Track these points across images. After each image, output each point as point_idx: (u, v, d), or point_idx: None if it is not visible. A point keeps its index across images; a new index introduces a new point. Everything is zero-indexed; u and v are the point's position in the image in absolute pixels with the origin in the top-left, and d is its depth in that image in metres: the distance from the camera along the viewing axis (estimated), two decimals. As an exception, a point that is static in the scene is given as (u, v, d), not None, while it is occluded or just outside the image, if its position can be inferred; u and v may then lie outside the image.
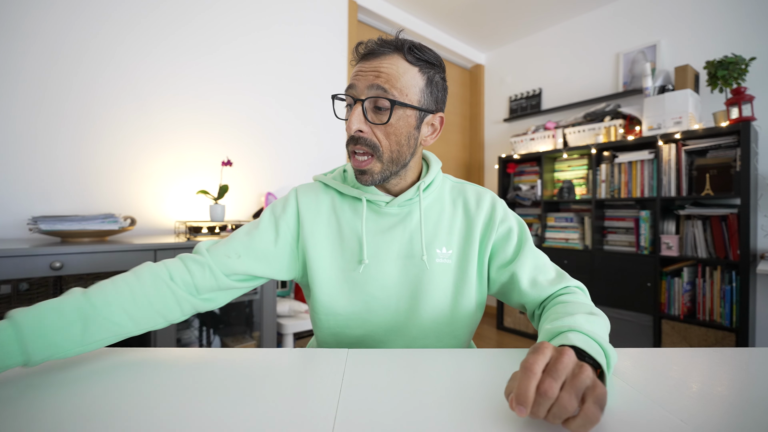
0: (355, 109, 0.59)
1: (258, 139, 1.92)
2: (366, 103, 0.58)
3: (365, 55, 0.60)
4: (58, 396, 0.40)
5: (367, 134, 0.59)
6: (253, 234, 0.64)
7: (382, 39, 0.61)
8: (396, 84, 0.58)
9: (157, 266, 0.58)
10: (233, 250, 0.62)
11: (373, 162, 0.60)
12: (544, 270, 0.64)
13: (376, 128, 0.59)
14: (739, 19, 2.00)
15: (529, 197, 2.64)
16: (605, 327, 0.50)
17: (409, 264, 0.64)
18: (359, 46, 0.61)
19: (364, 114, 0.59)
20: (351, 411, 0.38)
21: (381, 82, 0.57)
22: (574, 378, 0.34)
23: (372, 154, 0.60)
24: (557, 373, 0.34)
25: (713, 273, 1.84)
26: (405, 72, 0.59)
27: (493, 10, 2.64)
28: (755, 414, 0.38)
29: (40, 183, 1.36)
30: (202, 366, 0.49)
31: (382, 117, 0.59)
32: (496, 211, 0.66)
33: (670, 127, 1.99)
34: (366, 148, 0.59)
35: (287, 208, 0.67)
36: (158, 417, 0.36)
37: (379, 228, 0.65)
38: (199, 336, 1.57)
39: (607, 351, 0.43)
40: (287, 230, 0.66)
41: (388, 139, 0.60)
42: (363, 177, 0.62)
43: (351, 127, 0.58)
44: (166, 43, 1.63)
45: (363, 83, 0.58)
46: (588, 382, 0.34)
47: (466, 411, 0.38)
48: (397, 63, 0.59)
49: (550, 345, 0.37)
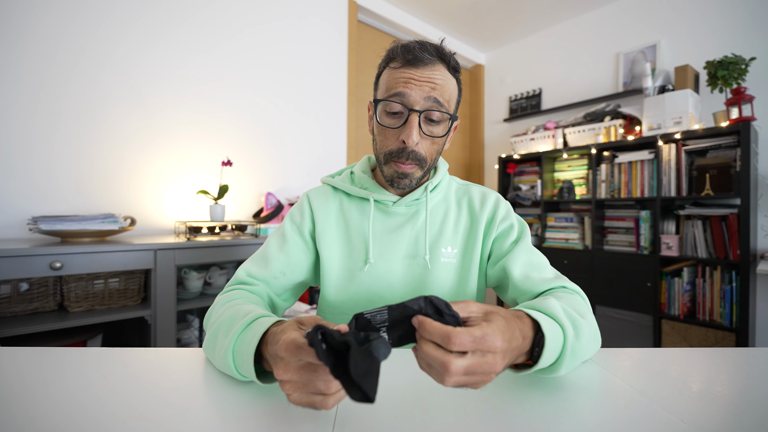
0: (413, 120, 0.57)
1: (258, 139, 1.92)
2: (422, 114, 0.58)
3: (412, 62, 0.58)
4: (57, 396, 0.40)
5: (419, 148, 0.59)
6: (285, 249, 0.66)
7: (429, 45, 0.60)
8: (446, 96, 0.59)
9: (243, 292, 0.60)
10: (278, 270, 0.64)
11: (416, 169, 0.61)
12: (540, 268, 0.62)
13: (426, 141, 0.60)
14: (739, 19, 2.00)
15: (529, 197, 2.64)
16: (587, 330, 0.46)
17: (415, 263, 0.65)
18: (405, 51, 0.59)
19: (420, 126, 0.58)
20: (351, 411, 0.38)
21: (437, 95, 0.58)
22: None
23: (417, 165, 0.61)
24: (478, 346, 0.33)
25: (713, 273, 1.84)
26: (450, 83, 0.60)
27: (493, 10, 2.64)
28: (755, 414, 0.38)
29: (40, 183, 1.36)
30: (202, 366, 0.49)
31: (436, 130, 0.60)
32: (499, 210, 0.68)
33: (670, 127, 1.99)
34: (414, 161, 0.60)
35: (304, 214, 0.69)
36: (158, 417, 0.36)
37: (387, 228, 0.67)
38: (199, 336, 1.56)
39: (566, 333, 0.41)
40: (308, 236, 0.68)
41: (432, 149, 0.61)
42: (403, 181, 0.62)
43: (413, 140, 0.57)
44: (164, 42, 1.63)
45: (418, 93, 0.57)
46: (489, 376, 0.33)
47: (466, 411, 0.38)
48: (445, 74, 0.59)
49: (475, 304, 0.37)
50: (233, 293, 0.59)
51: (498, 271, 0.64)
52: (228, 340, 0.44)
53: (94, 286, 1.23)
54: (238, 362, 0.42)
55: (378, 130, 0.63)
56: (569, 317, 0.45)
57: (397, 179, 0.62)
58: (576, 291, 0.58)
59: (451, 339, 0.32)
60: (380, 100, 0.61)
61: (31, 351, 0.51)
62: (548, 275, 0.61)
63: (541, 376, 0.44)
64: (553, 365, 0.42)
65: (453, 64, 0.61)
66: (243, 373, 0.42)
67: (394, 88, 0.58)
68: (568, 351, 0.41)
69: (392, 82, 0.59)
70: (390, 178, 0.63)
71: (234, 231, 1.59)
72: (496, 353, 0.34)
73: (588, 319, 0.49)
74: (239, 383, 0.44)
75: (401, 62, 0.59)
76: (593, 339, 0.49)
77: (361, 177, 0.70)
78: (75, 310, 1.19)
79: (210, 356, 0.48)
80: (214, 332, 0.48)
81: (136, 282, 1.30)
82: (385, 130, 0.61)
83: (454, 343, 0.32)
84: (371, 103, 0.66)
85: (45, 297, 1.20)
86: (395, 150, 0.60)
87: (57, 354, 0.51)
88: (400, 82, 0.58)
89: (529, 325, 0.41)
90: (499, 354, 0.34)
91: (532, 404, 0.39)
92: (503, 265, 0.62)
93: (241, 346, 0.42)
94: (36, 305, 1.18)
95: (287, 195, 2.00)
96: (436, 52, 0.59)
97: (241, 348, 0.42)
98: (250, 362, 0.39)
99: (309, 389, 0.33)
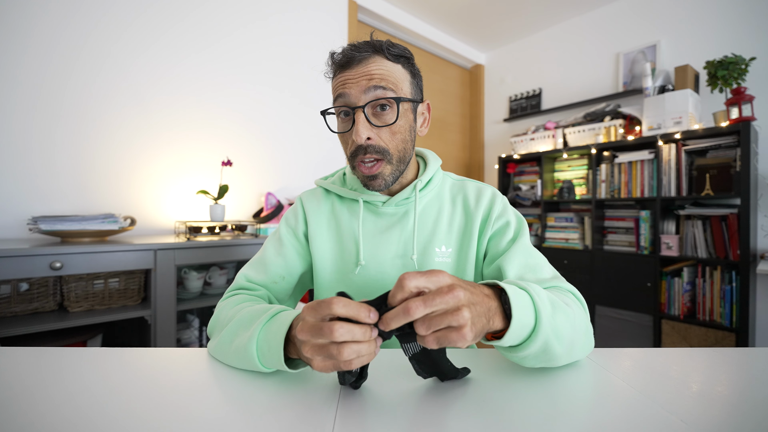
0: (358, 117, 0.57)
1: (258, 139, 1.92)
2: (366, 108, 0.57)
3: (344, 64, 0.58)
4: (57, 396, 0.40)
5: (375, 140, 0.58)
6: (283, 252, 0.67)
7: (357, 44, 0.59)
8: (391, 82, 0.58)
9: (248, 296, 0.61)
10: (277, 275, 0.65)
11: (383, 165, 0.59)
12: (536, 269, 0.59)
13: (382, 131, 0.58)
14: (739, 19, 2.00)
15: (529, 197, 2.64)
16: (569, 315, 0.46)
17: (408, 264, 0.64)
18: (334, 55, 0.60)
19: (368, 120, 0.57)
20: (351, 411, 0.38)
21: (377, 83, 0.56)
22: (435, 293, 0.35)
23: (381, 159, 0.59)
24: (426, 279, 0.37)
25: (713, 273, 1.84)
26: (393, 70, 0.59)
27: (493, 10, 2.64)
28: (755, 414, 0.38)
29: (40, 183, 1.36)
30: (202, 366, 0.49)
31: (387, 118, 0.58)
32: (495, 206, 0.65)
33: (670, 127, 1.99)
34: (375, 155, 0.58)
35: (298, 216, 0.70)
36: (158, 417, 0.36)
37: (378, 228, 0.66)
38: (199, 336, 1.56)
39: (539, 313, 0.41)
40: (303, 238, 0.69)
41: (395, 139, 0.59)
42: (375, 183, 0.60)
43: (361, 137, 0.56)
44: (163, 41, 1.63)
45: (356, 90, 0.57)
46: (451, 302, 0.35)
47: (465, 411, 0.38)
48: (383, 63, 0.58)
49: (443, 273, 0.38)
50: (239, 297, 0.59)
51: (493, 271, 0.61)
52: (250, 332, 0.45)
53: (94, 286, 1.23)
54: (263, 351, 0.44)
55: (340, 140, 0.64)
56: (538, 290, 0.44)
57: (369, 182, 0.61)
58: (570, 291, 0.55)
59: (402, 281, 0.36)
60: (325, 111, 0.61)
61: (31, 351, 0.51)
62: (545, 275, 0.58)
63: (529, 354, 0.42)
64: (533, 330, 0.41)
65: (392, 51, 0.59)
66: (266, 363, 0.44)
67: (337, 95, 0.59)
68: (543, 316, 0.41)
69: (334, 90, 0.60)
70: (363, 182, 0.62)
71: (234, 231, 1.59)
72: (451, 284, 0.36)
73: (574, 309, 0.48)
74: (239, 383, 0.44)
75: (336, 69, 0.60)
76: (582, 330, 0.48)
77: (352, 178, 0.69)
78: (75, 310, 1.19)
79: (221, 354, 0.49)
80: (232, 329, 0.49)
81: (136, 282, 1.30)
82: (343, 137, 0.62)
83: (405, 281, 0.36)
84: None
85: (45, 297, 1.20)
86: (353, 151, 0.59)
87: (57, 354, 0.51)
88: (339, 86, 0.59)
89: (488, 289, 0.42)
90: (448, 281, 0.37)
91: (531, 404, 0.39)
92: (499, 265, 0.60)
93: (266, 335, 0.44)
94: (36, 305, 1.18)
95: (287, 195, 2.00)
96: (368, 46, 0.59)
97: (267, 337, 0.44)
98: (279, 347, 0.42)
99: (325, 352, 0.36)
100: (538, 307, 0.41)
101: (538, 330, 0.41)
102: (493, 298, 0.41)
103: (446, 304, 0.35)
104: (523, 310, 0.40)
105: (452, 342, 0.35)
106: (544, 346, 0.42)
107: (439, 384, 0.44)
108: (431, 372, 0.43)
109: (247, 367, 0.46)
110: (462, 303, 0.36)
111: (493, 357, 0.52)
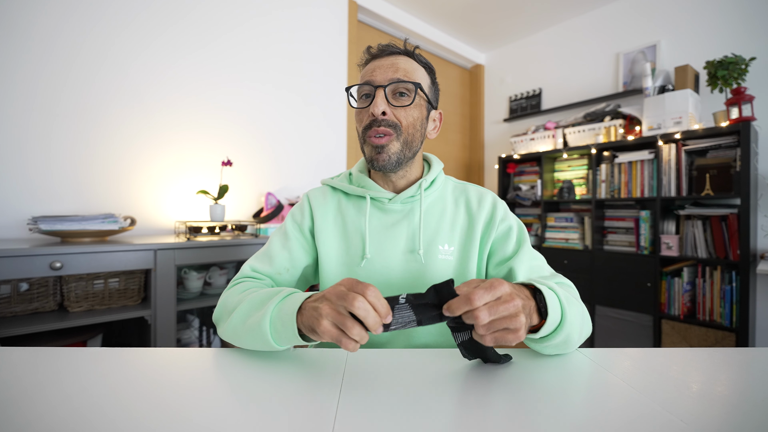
0: (378, 94, 0.63)
1: (258, 139, 1.92)
2: (387, 89, 0.63)
3: (377, 55, 0.66)
4: (56, 396, 0.40)
5: (389, 116, 0.63)
6: (288, 246, 0.70)
7: (394, 44, 0.68)
8: (413, 75, 0.65)
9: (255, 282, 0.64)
10: (282, 267, 0.68)
11: (392, 140, 0.64)
12: (539, 269, 0.66)
13: (397, 110, 0.64)
14: (739, 19, 2.00)
15: (529, 197, 2.64)
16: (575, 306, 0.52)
17: (412, 259, 0.66)
18: (370, 48, 0.68)
19: (386, 98, 0.63)
20: (351, 411, 0.38)
21: (401, 75, 0.63)
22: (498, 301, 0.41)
23: (392, 134, 0.63)
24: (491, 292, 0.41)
25: (713, 273, 1.84)
26: (417, 69, 0.66)
27: (493, 10, 2.64)
28: (755, 414, 0.38)
29: (40, 183, 1.36)
30: (201, 366, 0.49)
31: (404, 101, 0.64)
32: (497, 211, 0.69)
33: (670, 127, 1.99)
34: (387, 128, 0.63)
35: (304, 212, 0.72)
36: (158, 417, 0.36)
37: (384, 224, 0.68)
38: (199, 336, 1.56)
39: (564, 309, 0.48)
40: (309, 233, 0.71)
41: (407, 119, 0.64)
42: (381, 156, 0.64)
43: (378, 108, 0.62)
44: (162, 41, 1.63)
45: (382, 75, 0.63)
46: (511, 309, 0.41)
47: (465, 411, 0.38)
48: (410, 62, 0.66)
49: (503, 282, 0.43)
50: (246, 284, 0.62)
51: (504, 270, 0.67)
52: (264, 311, 0.49)
53: (94, 286, 1.23)
54: (276, 328, 0.47)
55: (355, 115, 0.69)
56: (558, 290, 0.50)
57: (376, 155, 0.64)
58: (569, 284, 0.63)
59: (470, 296, 0.40)
60: (350, 87, 0.68)
61: (31, 351, 0.51)
62: (545, 273, 0.66)
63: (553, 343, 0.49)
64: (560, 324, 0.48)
65: (420, 57, 0.68)
66: (279, 340, 0.47)
67: (364, 79, 0.66)
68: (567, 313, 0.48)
69: (362, 77, 0.67)
70: (370, 158, 0.66)
71: (234, 231, 1.59)
72: (509, 292, 0.42)
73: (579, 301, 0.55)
74: (239, 383, 0.44)
75: (368, 59, 0.68)
76: (585, 318, 0.55)
77: (359, 176, 0.73)
78: (75, 310, 1.19)
79: (233, 335, 0.53)
80: (244, 311, 0.52)
81: (136, 282, 1.30)
82: (359, 112, 0.67)
83: (474, 299, 0.40)
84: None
85: (45, 297, 1.20)
86: (367, 124, 0.64)
87: (57, 354, 0.51)
88: (368, 72, 0.66)
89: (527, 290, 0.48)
90: (509, 291, 0.42)
91: (531, 404, 0.39)
92: (510, 266, 0.65)
93: (279, 312, 0.47)
94: (36, 305, 1.18)
95: (287, 195, 2.00)
96: (400, 47, 0.67)
97: (280, 314, 0.47)
98: (293, 320, 0.45)
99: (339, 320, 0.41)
100: (563, 305, 0.48)
101: (564, 323, 0.48)
102: (531, 298, 0.47)
103: (507, 311, 0.41)
104: (554, 308, 0.47)
105: (509, 342, 0.41)
106: (566, 337, 0.49)
107: (438, 384, 0.44)
108: (476, 356, 0.49)
109: (260, 346, 0.49)
110: (519, 310, 0.42)
111: (493, 357, 0.52)
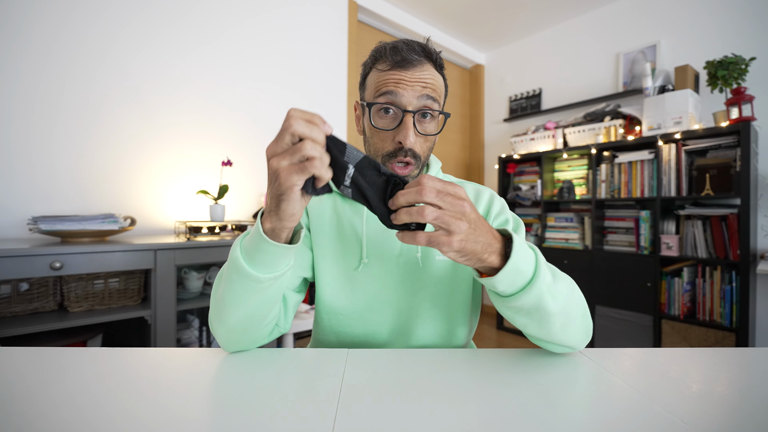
0: (408, 121, 0.58)
1: (258, 139, 1.92)
2: (416, 114, 0.59)
3: (401, 63, 0.58)
4: (56, 396, 0.40)
5: (414, 146, 0.60)
6: None
7: (416, 45, 0.60)
8: (438, 93, 0.61)
9: None
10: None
11: (412, 169, 0.62)
12: None
13: (419, 137, 0.61)
14: (739, 19, 2.00)
15: (529, 197, 2.64)
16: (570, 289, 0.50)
17: (409, 262, 0.65)
18: (393, 52, 0.59)
19: (415, 126, 0.59)
20: (351, 411, 0.38)
21: (430, 93, 0.59)
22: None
23: (413, 163, 0.61)
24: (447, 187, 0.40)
25: (713, 273, 1.84)
26: (438, 81, 0.62)
27: (493, 10, 2.64)
28: (755, 414, 0.38)
29: (40, 183, 1.36)
30: (201, 366, 0.49)
31: (429, 127, 0.61)
32: (494, 206, 0.68)
33: (670, 127, 1.99)
34: (411, 158, 0.60)
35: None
36: (158, 417, 0.36)
37: (381, 227, 0.66)
38: (199, 336, 1.56)
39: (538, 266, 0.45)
40: (306, 229, 0.68)
41: (425, 146, 0.62)
42: None
43: (410, 141, 0.58)
44: (162, 40, 1.63)
45: (411, 94, 0.58)
46: (457, 207, 0.39)
47: (465, 411, 0.38)
48: (433, 73, 0.61)
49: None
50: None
51: None
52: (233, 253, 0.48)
53: (94, 286, 1.23)
54: (248, 251, 0.46)
55: (371, 132, 0.63)
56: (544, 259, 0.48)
57: None
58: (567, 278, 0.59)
59: (421, 180, 0.39)
60: (373, 104, 0.61)
61: (31, 351, 0.51)
62: None
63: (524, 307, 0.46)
64: (531, 280, 0.44)
65: (439, 62, 0.63)
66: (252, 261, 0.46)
67: (386, 91, 0.59)
68: (541, 272, 0.45)
69: (381, 84, 0.59)
70: None
71: (234, 231, 1.59)
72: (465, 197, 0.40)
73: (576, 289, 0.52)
74: (239, 383, 0.44)
75: (390, 64, 0.59)
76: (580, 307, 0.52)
77: None
78: (75, 310, 1.19)
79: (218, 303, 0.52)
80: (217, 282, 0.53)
81: (136, 282, 1.30)
82: (379, 132, 0.61)
83: (424, 179, 0.39)
84: (358, 104, 0.67)
85: (45, 297, 1.20)
86: (392, 151, 0.60)
87: (57, 354, 0.51)
88: (391, 84, 0.59)
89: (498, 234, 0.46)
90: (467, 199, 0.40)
91: (531, 404, 0.39)
92: None
93: (245, 236, 0.48)
94: (36, 305, 1.18)
95: (287, 195, 2.00)
96: (423, 51, 0.60)
97: (246, 237, 0.48)
98: (258, 228, 0.44)
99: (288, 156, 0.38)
100: (539, 263, 0.45)
101: (535, 281, 0.44)
102: (499, 241, 0.44)
103: (452, 207, 0.39)
104: (523, 259, 0.43)
105: (439, 244, 0.39)
106: (537, 302, 0.45)
107: (438, 383, 0.44)
108: (361, 197, 0.44)
109: (238, 281, 0.48)
110: (465, 216, 0.40)
111: (493, 357, 0.52)
